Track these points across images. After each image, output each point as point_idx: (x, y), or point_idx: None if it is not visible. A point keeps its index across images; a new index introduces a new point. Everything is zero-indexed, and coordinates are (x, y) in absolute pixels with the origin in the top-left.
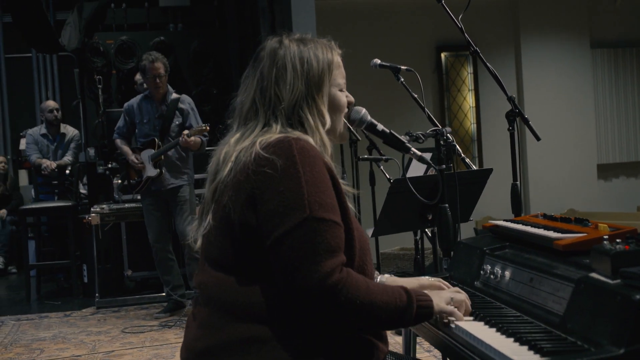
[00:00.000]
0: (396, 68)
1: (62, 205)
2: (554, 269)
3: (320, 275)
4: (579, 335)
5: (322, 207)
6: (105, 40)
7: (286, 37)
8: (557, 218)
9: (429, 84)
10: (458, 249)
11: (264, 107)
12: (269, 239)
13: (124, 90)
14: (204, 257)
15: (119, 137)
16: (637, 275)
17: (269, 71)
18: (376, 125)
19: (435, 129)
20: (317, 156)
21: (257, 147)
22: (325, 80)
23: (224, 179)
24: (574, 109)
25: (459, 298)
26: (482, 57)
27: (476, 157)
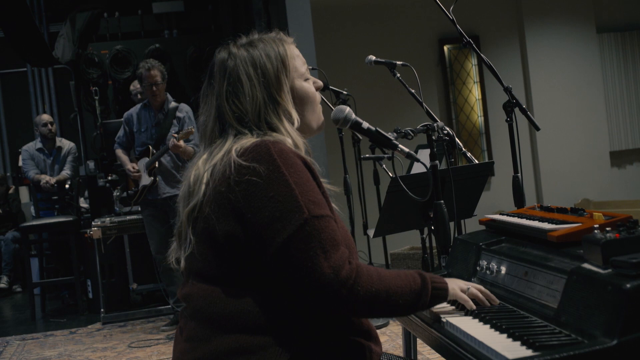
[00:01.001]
0: (392, 64)
1: (63, 220)
2: (548, 261)
3: (333, 270)
4: (573, 327)
5: (316, 205)
6: (100, 51)
7: (233, 45)
8: (554, 209)
9: (433, 77)
10: (455, 246)
11: (227, 123)
12: (271, 247)
13: (121, 101)
14: (188, 270)
15: (120, 147)
16: (627, 264)
17: (224, 86)
18: (361, 123)
19: (426, 124)
20: (296, 156)
21: (233, 155)
22: (282, 77)
23: (202, 199)
24: (582, 95)
25: (473, 291)
26: (475, 48)
27: (485, 150)
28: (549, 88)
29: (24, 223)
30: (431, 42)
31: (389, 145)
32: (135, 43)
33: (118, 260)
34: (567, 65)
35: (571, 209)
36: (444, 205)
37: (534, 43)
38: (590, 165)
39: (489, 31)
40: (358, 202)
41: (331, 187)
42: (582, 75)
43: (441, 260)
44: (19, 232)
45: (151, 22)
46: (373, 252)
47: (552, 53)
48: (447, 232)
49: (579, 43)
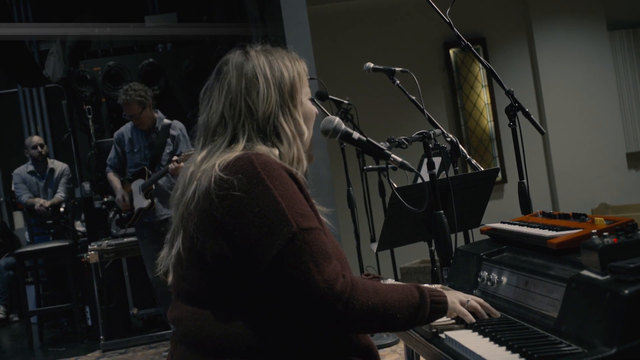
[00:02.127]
0: (390, 70)
1: (59, 245)
2: (548, 269)
3: (327, 283)
4: (574, 337)
5: (305, 217)
6: (92, 68)
7: (252, 49)
8: (556, 215)
9: (440, 83)
10: (456, 257)
11: (233, 121)
12: (261, 264)
13: (116, 118)
14: (176, 292)
15: (112, 170)
16: (625, 269)
17: (238, 82)
18: (351, 133)
19: (422, 132)
20: (281, 167)
21: (216, 169)
22: (297, 88)
23: (189, 202)
24: (595, 95)
25: (473, 304)
26: (474, 50)
27: (496, 156)
28: (560, 89)
29: (19, 249)
30: (436, 46)
31: (381, 155)
32: (128, 58)
33: (117, 285)
34: (578, 64)
35: (573, 214)
36: (444, 215)
37: (543, 43)
38: (607, 168)
39: (495, 33)
40: (364, 215)
41: (321, 208)
42: (594, 74)
43: (443, 273)
44: (14, 258)
45: (144, 37)
46: (382, 266)
47: (562, 53)
48: (448, 243)
49: (590, 41)
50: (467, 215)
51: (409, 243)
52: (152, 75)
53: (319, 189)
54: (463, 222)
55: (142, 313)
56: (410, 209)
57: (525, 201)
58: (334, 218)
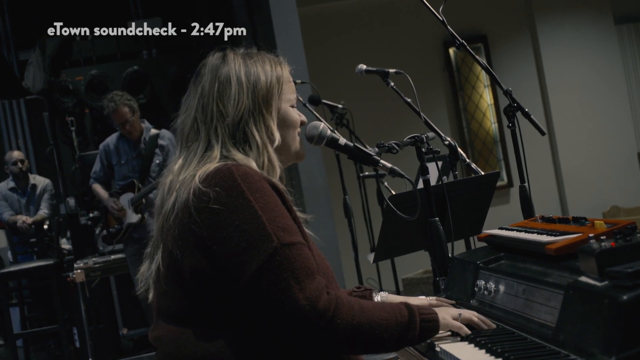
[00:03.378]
0: (384, 72)
1: (44, 264)
2: (546, 276)
3: (309, 301)
4: (572, 346)
5: (286, 231)
6: (74, 77)
7: (230, 51)
8: (555, 219)
9: (440, 84)
10: (453, 266)
11: (205, 125)
12: (240, 280)
13: (100, 130)
14: (157, 310)
15: (96, 182)
16: (623, 274)
17: (211, 86)
18: (338, 139)
19: (414, 136)
20: (262, 179)
21: (196, 181)
22: (274, 94)
23: (168, 215)
24: (603, 93)
25: (466, 315)
26: (469, 49)
27: (501, 159)
28: (566, 87)
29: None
30: (435, 45)
31: (370, 162)
32: (112, 66)
33: (105, 304)
34: (585, 61)
35: (573, 218)
36: (439, 222)
37: (547, 40)
38: (617, 169)
39: (497, 30)
40: (363, 225)
41: (302, 215)
42: (601, 71)
43: (440, 283)
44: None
45: (128, 43)
46: (383, 278)
47: (568, 49)
48: (444, 251)
49: (596, 36)
50: (468, 222)
51: (408, 253)
52: (138, 84)
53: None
54: (463, 230)
55: (132, 333)
56: (403, 217)
57: (527, 206)
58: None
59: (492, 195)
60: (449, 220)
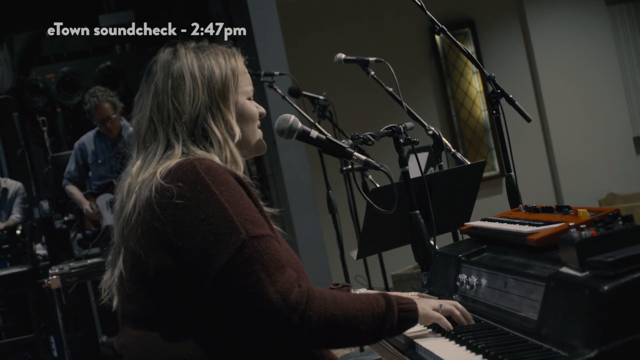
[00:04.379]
0: (363, 61)
1: (18, 271)
2: (528, 268)
3: (281, 295)
4: (555, 340)
5: (254, 224)
6: (45, 75)
7: (182, 46)
8: (539, 209)
9: (427, 71)
10: (435, 260)
11: (162, 125)
12: (208, 276)
13: (73, 129)
14: (122, 316)
15: (70, 183)
16: (604, 264)
17: (164, 83)
18: (309, 132)
19: (391, 126)
20: (227, 172)
21: (157, 178)
22: (230, 87)
23: (129, 217)
24: (596, 77)
25: (447, 307)
26: (449, 34)
27: (492, 148)
28: (557, 72)
29: None
30: (420, 32)
31: (343, 154)
32: (84, 63)
33: (83, 311)
34: (576, 44)
35: (557, 207)
36: (420, 216)
37: (537, 23)
38: (613, 155)
39: (485, 14)
40: (350, 220)
41: (270, 210)
42: (593, 54)
43: (422, 278)
44: None
45: (99, 38)
46: (372, 274)
47: (558, 32)
48: (426, 245)
49: (587, 18)
50: (454, 214)
51: (392, 248)
52: (111, 80)
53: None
54: (450, 223)
55: (112, 341)
56: (381, 211)
57: (514, 195)
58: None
59: (478, 186)
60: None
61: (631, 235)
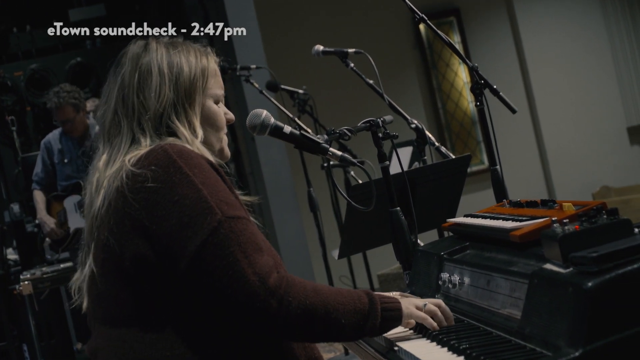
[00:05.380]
0: (342, 52)
1: None
2: (511, 265)
3: (259, 277)
4: (538, 340)
5: (230, 206)
6: (13, 73)
7: (154, 40)
8: (523, 204)
9: (412, 63)
10: (416, 258)
11: (127, 118)
12: (183, 258)
13: (44, 128)
14: (93, 317)
15: (39, 187)
16: (587, 259)
17: (131, 76)
18: (282, 127)
19: (369, 120)
20: (200, 156)
21: (127, 166)
22: (197, 87)
23: (98, 211)
24: (588, 66)
25: (431, 307)
26: (430, 24)
27: (481, 141)
28: (547, 61)
29: None
30: (403, 22)
31: (318, 150)
32: (54, 59)
33: (56, 318)
34: (566, 32)
35: (542, 201)
36: (401, 213)
37: (525, 11)
38: (606, 146)
39: (471, 2)
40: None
41: (246, 198)
42: (584, 42)
43: (404, 277)
44: None
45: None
46: (356, 275)
47: (547, 20)
48: (407, 243)
49: (578, 5)
50: (439, 210)
51: (375, 246)
52: (82, 76)
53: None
54: (434, 219)
55: None
56: (358, 208)
57: (500, 190)
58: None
59: (464, 181)
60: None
61: (616, 230)
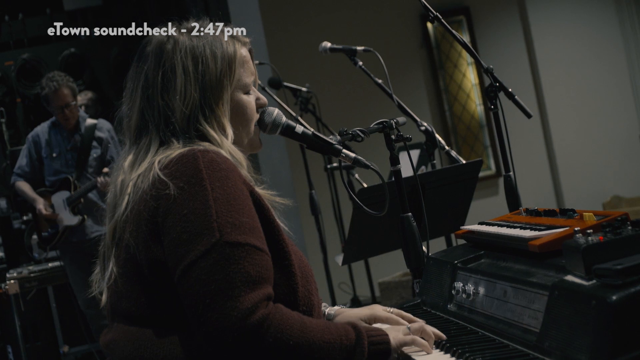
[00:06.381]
0: (351, 50)
1: None
2: (529, 276)
3: (239, 312)
4: (558, 354)
5: (236, 228)
6: (3, 63)
7: (176, 28)
8: (541, 212)
9: (418, 62)
10: (428, 267)
11: (154, 120)
12: (175, 273)
13: (34, 121)
14: (112, 312)
15: (20, 180)
16: (612, 272)
17: (154, 75)
18: (294, 127)
19: (382, 121)
20: (231, 169)
21: (155, 169)
22: (225, 84)
23: (122, 215)
24: (601, 70)
25: (415, 326)
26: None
27: (488, 146)
28: (559, 64)
29: None
30: (411, 19)
31: (331, 151)
32: (46, 49)
33: (43, 319)
34: (580, 35)
35: (560, 210)
36: (412, 218)
37: (538, 11)
38: (618, 155)
39: (482, 1)
40: (333, 222)
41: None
42: (598, 45)
43: (414, 286)
44: None
45: (63, 22)
46: (357, 282)
47: (561, 23)
48: (419, 251)
49: (593, 7)
50: (448, 217)
51: (381, 253)
52: (75, 68)
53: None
54: (443, 226)
55: (74, 351)
56: (370, 213)
57: (513, 197)
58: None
59: (474, 187)
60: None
61: None
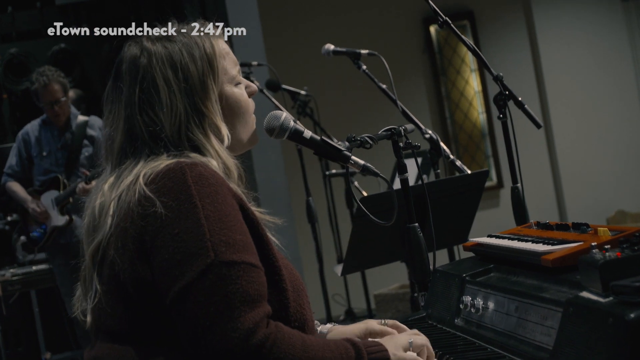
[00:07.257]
0: (355, 53)
1: None
2: (542, 291)
3: (240, 333)
4: None
5: (230, 247)
6: None
7: (146, 39)
8: (553, 226)
9: (419, 67)
10: (435, 279)
11: (142, 139)
12: (168, 296)
13: (21, 118)
14: (95, 329)
15: (11, 180)
16: (630, 289)
17: (132, 93)
18: (302, 132)
19: (391, 128)
20: (220, 183)
21: (141, 182)
22: (209, 83)
23: (107, 235)
24: (608, 79)
25: (418, 342)
26: (454, 28)
27: (490, 155)
28: (565, 72)
29: None
30: (414, 23)
31: (340, 158)
32: (35, 44)
33: (25, 324)
34: (587, 42)
35: (573, 224)
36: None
37: (544, 17)
38: (624, 167)
39: (486, 4)
40: (329, 231)
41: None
42: (605, 54)
43: (420, 299)
44: None
45: (54, 16)
46: (352, 294)
47: (567, 28)
48: (425, 263)
49: (600, 14)
50: (452, 228)
51: (382, 264)
52: (65, 64)
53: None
54: (446, 238)
55: (56, 358)
56: (378, 222)
57: (521, 210)
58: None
59: (479, 198)
60: (430, 226)
61: None
